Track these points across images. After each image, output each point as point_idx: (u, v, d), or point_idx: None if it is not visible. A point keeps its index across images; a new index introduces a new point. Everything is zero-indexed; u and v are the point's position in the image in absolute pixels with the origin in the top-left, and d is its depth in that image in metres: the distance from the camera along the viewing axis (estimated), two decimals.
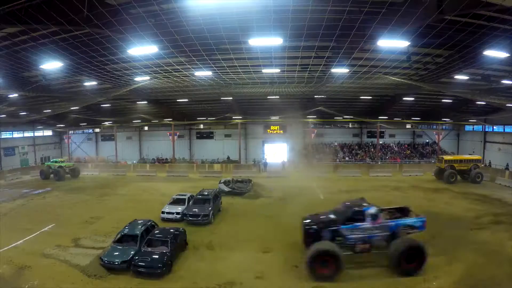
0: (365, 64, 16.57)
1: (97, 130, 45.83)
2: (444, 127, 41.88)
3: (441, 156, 29.84)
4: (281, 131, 42.80)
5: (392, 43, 12.22)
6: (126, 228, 12.67)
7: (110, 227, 15.18)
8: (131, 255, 11.15)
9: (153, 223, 13.59)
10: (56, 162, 31.88)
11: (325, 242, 10.93)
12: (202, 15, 10.65)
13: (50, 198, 22.49)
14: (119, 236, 12.39)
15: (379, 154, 39.05)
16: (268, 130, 42.58)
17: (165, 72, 18.10)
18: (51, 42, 13.08)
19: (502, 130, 35.82)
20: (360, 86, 23.28)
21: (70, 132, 44.61)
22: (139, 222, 13.27)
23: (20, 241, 13.74)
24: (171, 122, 39.23)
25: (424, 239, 13.40)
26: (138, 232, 12.24)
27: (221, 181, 23.49)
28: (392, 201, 20.61)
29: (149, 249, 11.53)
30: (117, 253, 11.38)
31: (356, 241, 11.24)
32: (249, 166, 35.29)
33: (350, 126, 43.71)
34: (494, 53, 13.09)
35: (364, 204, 12.11)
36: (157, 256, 10.98)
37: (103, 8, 10.02)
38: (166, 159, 41.81)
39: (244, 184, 23.96)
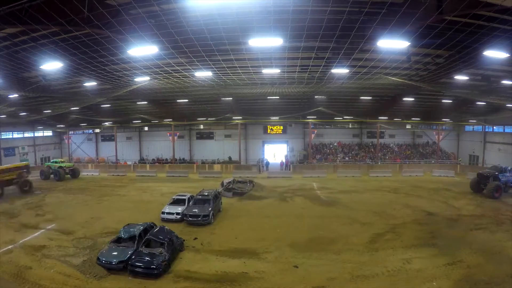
0: (365, 65, 16.57)
1: (97, 130, 45.79)
2: (444, 127, 41.80)
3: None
4: (281, 132, 42.87)
5: (392, 44, 12.17)
6: (125, 229, 12.61)
7: (110, 228, 15.22)
8: (128, 255, 11.10)
9: (152, 224, 13.57)
10: (56, 162, 31.94)
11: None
12: (202, 16, 10.65)
13: (50, 198, 22.48)
14: (117, 236, 12.39)
15: (379, 154, 39.04)
16: (269, 128, 42.61)
17: (165, 73, 18.10)
18: (51, 43, 13.04)
19: (502, 130, 35.80)
20: (360, 87, 23.31)
21: (70, 132, 44.65)
22: (137, 223, 13.23)
23: (20, 241, 13.75)
24: (171, 123, 39.22)
25: (424, 239, 13.55)
26: (136, 233, 12.21)
27: (223, 182, 23.56)
28: (392, 200, 20.72)
29: (147, 249, 11.50)
30: (114, 253, 11.33)
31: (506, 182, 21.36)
32: (249, 166, 35.31)
33: (350, 126, 43.62)
34: (494, 54, 13.08)
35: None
36: (154, 257, 10.93)
37: (103, 8, 10.01)
38: (166, 159, 41.84)
39: (245, 184, 23.99)
